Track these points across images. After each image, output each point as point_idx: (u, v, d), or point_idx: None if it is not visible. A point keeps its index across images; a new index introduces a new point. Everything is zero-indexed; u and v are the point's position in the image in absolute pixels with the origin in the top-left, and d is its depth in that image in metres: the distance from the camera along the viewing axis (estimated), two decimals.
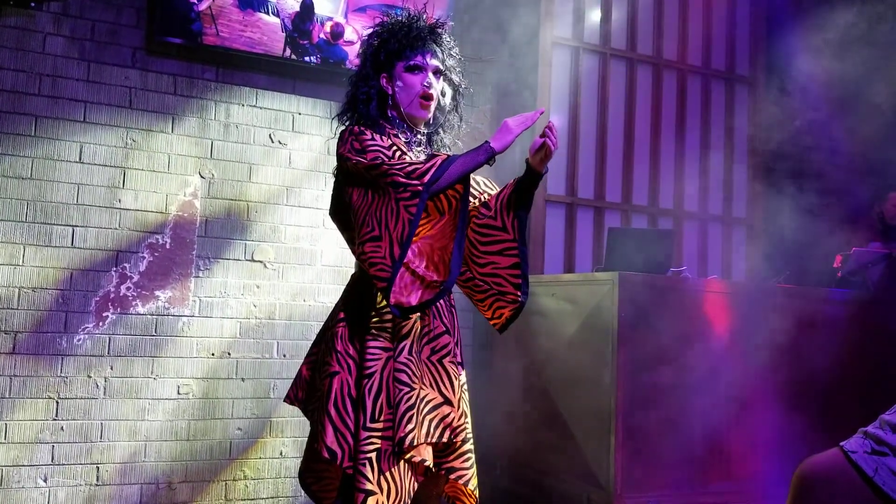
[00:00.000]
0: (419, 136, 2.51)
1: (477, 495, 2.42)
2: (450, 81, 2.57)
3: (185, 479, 3.70)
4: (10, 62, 3.51)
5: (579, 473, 3.51)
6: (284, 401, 2.57)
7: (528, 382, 3.91)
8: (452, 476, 2.37)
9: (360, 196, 2.32)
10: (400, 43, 2.46)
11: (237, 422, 3.82)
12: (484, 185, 2.59)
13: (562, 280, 4.03)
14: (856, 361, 3.93)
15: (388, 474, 2.24)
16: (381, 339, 2.32)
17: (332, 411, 2.29)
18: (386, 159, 2.28)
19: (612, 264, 3.80)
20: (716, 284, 3.87)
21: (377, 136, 2.37)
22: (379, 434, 2.25)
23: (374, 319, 2.34)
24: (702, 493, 3.53)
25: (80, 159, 3.61)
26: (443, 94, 2.54)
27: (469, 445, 2.41)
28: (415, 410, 2.27)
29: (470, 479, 2.38)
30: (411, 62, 2.45)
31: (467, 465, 2.39)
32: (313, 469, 2.46)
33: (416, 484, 2.32)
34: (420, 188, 2.19)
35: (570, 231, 4.81)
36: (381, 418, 2.27)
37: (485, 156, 2.30)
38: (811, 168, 5.63)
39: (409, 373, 2.30)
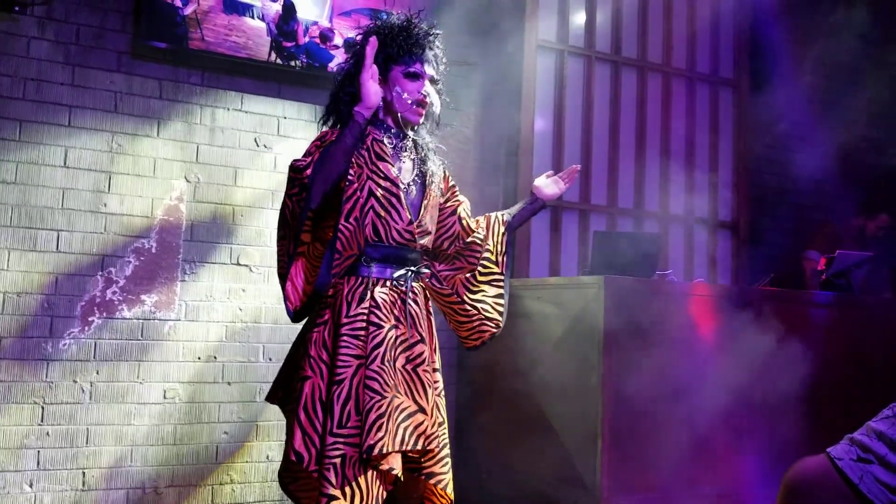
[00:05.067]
0: (408, 141, 2.57)
1: (452, 497, 2.50)
2: (439, 89, 2.62)
3: (172, 483, 3.69)
4: None
5: (566, 477, 3.52)
6: (266, 399, 2.61)
7: (513, 386, 3.92)
8: (432, 481, 2.44)
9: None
10: (400, 48, 2.50)
11: (223, 426, 3.81)
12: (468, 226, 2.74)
13: (547, 283, 4.04)
14: (841, 364, 3.96)
15: (352, 481, 2.26)
16: (353, 347, 2.34)
17: (302, 415, 2.33)
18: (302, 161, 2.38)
19: (598, 268, 3.81)
20: (701, 288, 3.89)
21: None
22: (344, 440, 2.28)
23: (347, 326, 2.36)
24: (688, 496, 3.55)
25: (64, 164, 3.60)
26: (431, 104, 2.58)
27: (447, 451, 2.49)
28: (385, 418, 2.28)
29: (448, 484, 2.46)
30: (411, 69, 2.51)
31: (445, 469, 2.47)
32: (290, 470, 2.49)
33: (384, 492, 2.34)
34: (306, 180, 2.30)
35: (555, 234, 4.82)
36: (349, 424, 2.29)
37: (357, 125, 2.36)
38: (795, 171, 5.67)
39: (382, 381, 2.31)
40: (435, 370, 2.54)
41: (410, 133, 2.59)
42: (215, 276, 3.84)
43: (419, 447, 2.36)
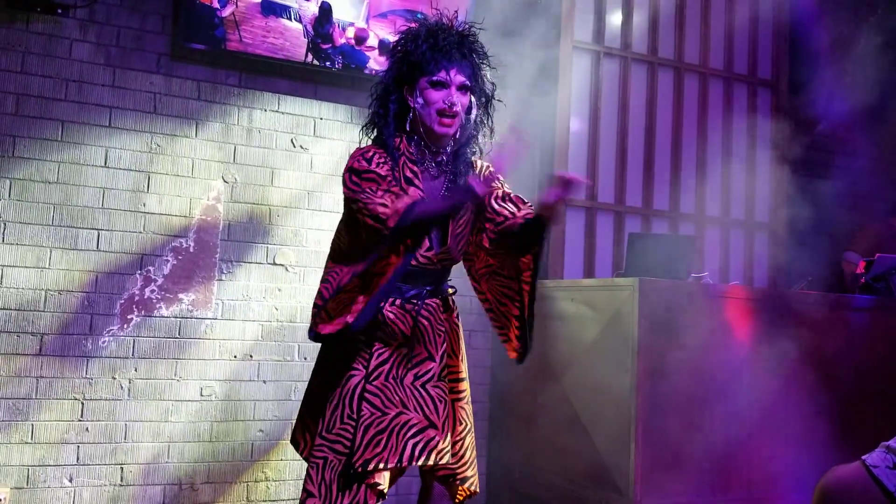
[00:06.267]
0: (441, 155, 2.43)
1: (478, 491, 2.56)
2: (479, 94, 2.45)
3: (208, 480, 3.74)
4: (37, 68, 3.56)
5: (599, 479, 3.51)
6: None
7: (547, 387, 3.92)
8: (466, 484, 2.49)
9: (349, 217, 2.37)
10: (424, 55, 2.34)
11: (259, 423, 3.85)
12: (507, 207, 2.50)
13: (582, 285, 4.03)
14: (879, 368, 3.91)
15: (330, 484, 2.31)
16: (353, 360, 2.38)
17: (304, 409, 2.52)
18: (368, 194, 2.23)
19: (633, 270, 3.80)
20: (737, 290, 3.86)
21: (382, 162, 2.31)
22: (328, 445, 2.34)
23: (349, 342, 2.41)
24: (722, 499, 3.52)
25: (105, 164, 3.65)
26: (468, 111, 2.42)
27: (474, 454, 2.55)
28: (386, 434, 2.28)
29: (477, 485, 2.54)
30: (434, 77, 2.34)
31: (474, 472, 2.53)
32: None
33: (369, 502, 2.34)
34: (385, 232, 2.18)
35: (590, 236, 4.81)
36: (334, 431, 2.34)
37: (461, 200, 2.23)
38: (834, 173, 5.60)
39: (383, 397, 2.32)
40: (459, 380, 2.54)
41: (448, 146, 2.44)
42: (252, 275, 3.88)
43: (430, 462, 2.31)
